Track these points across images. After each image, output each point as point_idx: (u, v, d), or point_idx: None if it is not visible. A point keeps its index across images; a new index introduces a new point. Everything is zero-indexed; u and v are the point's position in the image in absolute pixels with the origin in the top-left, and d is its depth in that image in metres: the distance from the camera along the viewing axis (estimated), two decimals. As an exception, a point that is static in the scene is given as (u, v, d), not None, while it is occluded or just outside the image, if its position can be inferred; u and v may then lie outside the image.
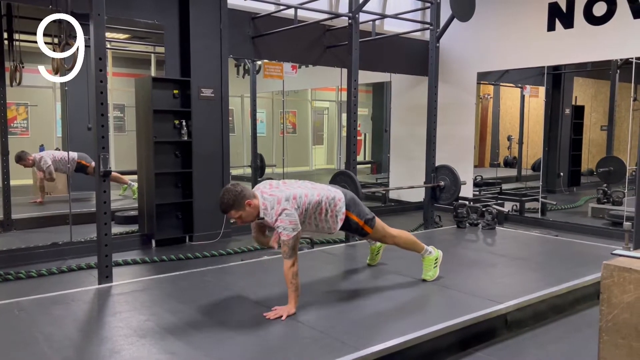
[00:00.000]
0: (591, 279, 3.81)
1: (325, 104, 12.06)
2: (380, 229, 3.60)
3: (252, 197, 3.06)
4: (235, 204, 3.02)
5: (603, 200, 7.30)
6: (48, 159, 6.47)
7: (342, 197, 3.40)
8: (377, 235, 3.64)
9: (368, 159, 10.94)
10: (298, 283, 3.06)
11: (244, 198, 3.02)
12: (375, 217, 3.57)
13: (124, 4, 5.18)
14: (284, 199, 3.04)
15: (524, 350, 3.04)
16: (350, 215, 3.43)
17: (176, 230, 5.59)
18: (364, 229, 3.50)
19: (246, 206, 3.03)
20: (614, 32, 6.17)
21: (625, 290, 1.93)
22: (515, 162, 9.33)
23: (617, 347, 1.97)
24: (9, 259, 4.65)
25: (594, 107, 8.88)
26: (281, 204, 3.03)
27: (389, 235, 3.69)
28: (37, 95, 6.91)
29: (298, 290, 3.07)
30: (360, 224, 3.47)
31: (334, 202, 3.34)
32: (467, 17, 5.94)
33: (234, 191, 3.02)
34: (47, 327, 2.94)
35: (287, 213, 3.01)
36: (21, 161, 6.26)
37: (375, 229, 3.56)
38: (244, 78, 8.09)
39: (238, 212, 3.05)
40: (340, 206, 3.37)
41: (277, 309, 3.05)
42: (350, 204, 3.44)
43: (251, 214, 3.08)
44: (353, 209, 3.45)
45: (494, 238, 5.52)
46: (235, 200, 3.01)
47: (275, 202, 3.04)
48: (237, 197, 3.01)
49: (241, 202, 3.02)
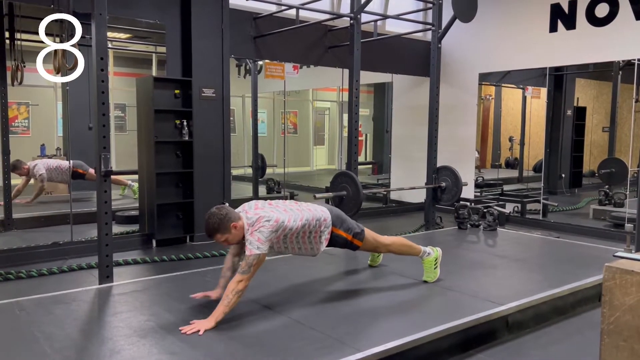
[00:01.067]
0: (592, 280, 3.80)
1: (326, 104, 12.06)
2: (371, 240, 3.59)
3: (237, 219, 3.04)
4: (220, 227, 3.00)
5: (605, 202, 7.29)
6: (42, 167, 6.45)
7: (328, 217, 3.38)
8: (369, 246, 3.64)
9: (369, 160, 10.95)
10: (234, 302, 2.93)
11: (229, 221, 3.00)
12: (365, 229, 3.56)
13: (125, 4, 5.18)
14: (265, 219, 3.01)
15: (524, 352, 3.03)
16: (337, 231, 3.43)
17: (177, 230, 5.59)
18: (353, 242, 3.50)
19: (232, 229, 3.01)
20: (616, 33, 6.16)
21: (627, 293, 1.92)
22: (516, 163, 9.32)
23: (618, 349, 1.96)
24: (9, 258, 4.65)
25: (596, 109, 8.87)
26: (261, 222, 3.00)
27: (382, 244, 3.69)
28: (38, 95, 6.92)
29: (228, 309, 2.92)
30: (349, 239, 3.47)
31: (319, 224, 3.32)
32: (469, 18, 5.93)
33: (218, 215, 3.00)
34: (48, 326, 2.94)
35: (261, 230, 2.98)
36: (16, 170, 6.25)
37: (366, 241, 3.55)
38: (245, 78, 8.10)
39: (224, 236, 3.03)
40: (325, 226, 3.36)
41: (195, 323, 2.89)
42: (336, 222, 3.43)
43: (237, 236, 3.06)
44: (339, 225, 3.44)
45: (495, 239, 5.51)
46: (220, 224, 2.99)
47: (256, 220, 3.02)
48: (222, 221, 2.99)
49: (226, 225, 3.00)
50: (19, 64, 5.51)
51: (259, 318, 3.07)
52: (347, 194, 5.48)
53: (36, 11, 4.77)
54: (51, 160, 6.63)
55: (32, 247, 4.86)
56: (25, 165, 6.39)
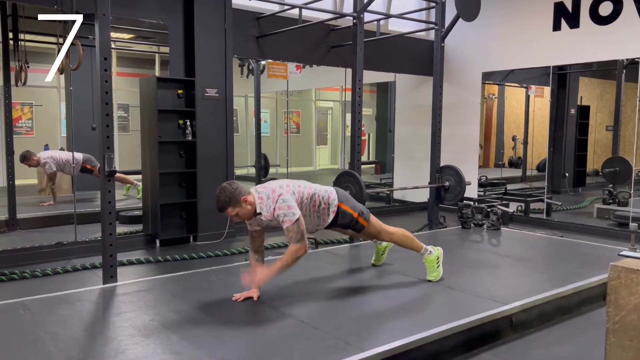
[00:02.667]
0: (597, 280, 3.78)
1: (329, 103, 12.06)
2: (375, 224, 3.63)
3: (248, 193, 3.10)
4: (231, 201, 3.04)
5: (609, 201, 7.26)
6: (50, 160, 6.48)
7: (334, 192, 3.48)
8: (373, 229, 3.65)
9: (372, 159, 10.94)
10: (291, 264, 3.08)
11: (240, 195, 3.05)
12: (370, 213, 3.62)
13: (128, 4, 5.19)
14: (278, 187, 3.12)
15: (529, 351, 3.02)
16: (344, 206, 3.48)
17: (180, 230, 5.60)
18: (358, 221, 3.53)
19: (242, 202, 3.06)
20: (620, 32, 6.14)
21: (633, 292, 1.91)
22: (520, 163, 9.30)
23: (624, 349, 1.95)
24: (14, 258, 4.67)
25: (600, 107, 8.84)
26: (276, 191, 3.09)
27: (385, 231, 3.71)
28: (42, 95, 6.93)
29: (285, 269, 3.10)
30: (355, 216, 3.51)
31: (327, 195, 3.42)
32: (472, 16, 5.92)
33: (229, 189, 3.05)
34: (52, 326, 2.94)
35: (283, 199, 3.06)
36: (26, 161, 6.28)
37: (371, 223, 3.59)
38: (248, 78, 8.10)
39: (235, 210, 3.07)
40: (333, 198, 3.44)
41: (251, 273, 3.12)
42: (342, 198, 3.51)
43: (248, 211, 3.10)
44: (345, 202, 3.52)
45: (499, 239, 5.49)
46: (231, 198, 3.03)
47: (270, 191, 3.10)
48: (233, 195, 3.03)
49: (237, 199, 3.04)
50: (22, 65, 5.53)
51: (263, 318, 3.07)
52: (350, 193, 5.46)
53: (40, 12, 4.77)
54: (61, 153, 6.63)
55: (36, 247, 4.87)
56: (34, 156, 6.41)
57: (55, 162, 6.49)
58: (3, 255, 4.65)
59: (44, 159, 6.46)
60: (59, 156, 6.55)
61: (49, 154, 6.52)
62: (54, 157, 6.50)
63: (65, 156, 6.53)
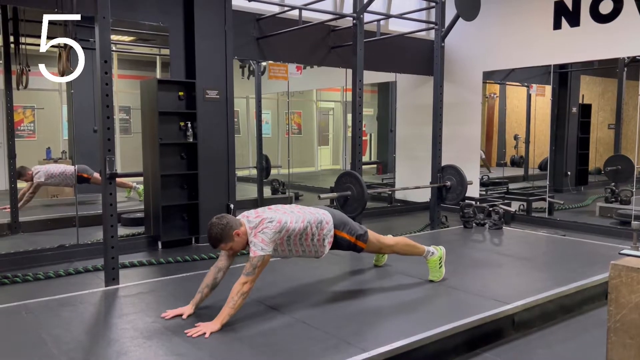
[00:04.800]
0: (599, 278, 3.78)
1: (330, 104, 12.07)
2: (374, 242, 3.60)
3: (239, 225, 3.04)
4: (223, 237, 3.00)
5: (611, 200, 7.25)
6: (42, 174, 6.48)
7: (330, 220, 3.38)
8: (373, 248, 3.64)
9: (374, 159, 10.94)
10: (240, 304, 2.94)
11: (231, 229, 3.00)
12: (368, 231, 3.57)
13: (128, 6, 5.19)
14: (268, 220, 3.04)
15: (531, 350, 3.02)
16: (341, 234, 3.43)
17: (182, 231, 5.60)
18: (357, 244, 3.50)
19: (234, 237, 3.01)
20: (620, 30, 6.13)
21: (634, 290, 1.91)
22: (522, 162, 9.29)
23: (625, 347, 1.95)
24: (16, 261, 4.67)
25: (601, 106, 8.83)
26: (264, 224, 3.02)
27: (385, 245, 3.70)
28: (44, 98, 6.96)
29: (234, 311, 2.92)
30: (352, 241, 3.48)
31: (321, 226, 3.32)
32: (472, 16, 5.92)
33: (219, 225, 3.00)
34: (55, 329, 2.95)
35: (264, 232, 3.00)
36: (22, 177, 6.28)
37: (370, 243, 3.56)
38: (248, 79, 8.11)
39: (228, 244, 3.03)
40: (328, 229, 3.35)
41: (200, 325, 2.86)
42: (339, 225, 3.43)
43: (240, 243, 3.06)
44: (342, 227, 3.44)
45: (501, 238, 5.49)
46: (222, 234, 2.99)
47: (259, 222, 3.04)
48: (224, 230, 2.99)
49: (229, 233, 3.00)
50: (23, 68, 5.54)
51: (265, 319, 3.07)
52: (352, 194, 5.47)
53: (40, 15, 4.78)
54: (56, 165, 6.63)
55: (38, 250, 4.88)
56: (29, 170, 6.42)
57: (47, 175, 6.48)
58: (5, 258, 4.66)
59: (37, 169, 6.47)
60: (54, 170, 6.56)
61: (43, 167, 6.53)
62: (47, 171, 6.51)
63: (60, 169, 6.55)
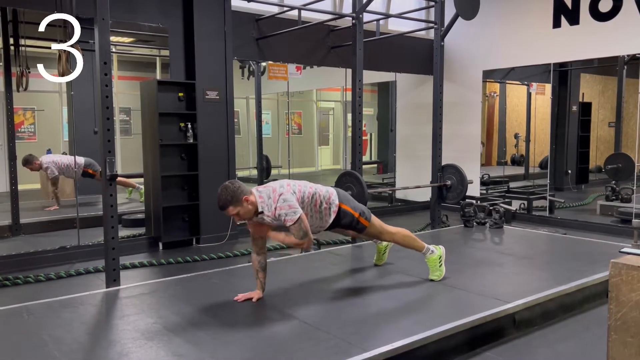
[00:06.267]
0: (600, 277, 3.77)
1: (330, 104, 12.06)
2: (377, 224, 3.63)
3: (249, 193, 3.11)
4: (233, 199, 3.04)
5: (611, 198, 7.24)
6: (52, 164, 6.50)
7: (334, 192, 3.50)
8: (374, 230, 3.65)
9: (374, 159, 10.93)
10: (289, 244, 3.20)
11: (241, 194, 3.05)
12: (371, 213, 3.62)
13: (128, 8, 5.20)
14: (279, 187, 3.15)
15: (532, 349, 3.02)
16: (345, 206, 3.49)
17: (183, 232, 5.61)
18: (360, 221, 3.53)
19: (244, 202, 3.06)
20: (620, 28, 6.12)
21: (634, 289, 1.91)
22: (522, 160, 9.28)
23: (625, 345, 1.95)
24: (17, 263, 4.68)
25: (602, 104, 8.82)
26: (276, 191, 3.12)
27: (386, 231, 3.71)
28: (44, 100, 6.95)
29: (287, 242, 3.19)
30: (356, 216, 3.52)
31: (328, 195, 3.44)
32: (471, 15, 5.92)
33: (231, 187, 3.06)
34: (56, 330, 2.96)
35: (284, 198, 3.08)
36: (28, 164, 6.29)
37: (372, 223, 3.60)
38: (248, 80, 8.11)
39: (236, 209, 3.07)
40: (333, 198, 3.45)
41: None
42: (343, 199, 3.53)
43: (249, 211, 3.10)
44: (346, 202, 3.53)
45: (502, 237, 5.49)
46: (233, 196, 3.04)
47: (271, 191, 3.12)
48: (234, 193, 3.04)
49: (239, 197, 3.04)
50: (23, 70, 5.54)
51: (266, 319, 3.07)
52: (352, 193, 5.46)
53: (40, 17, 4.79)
54: (63, 157, 6.64)
55: (39, 252, 4.89)
56: (37, 160, 6.43)
57: (57, 167, 6.51)
58: (7, 260, 4.67)
59: (46, 163, 6.48)
60: (61, 160, 6.56)
61: (50, 159, 6.54)
62: (55, 162, 6.52)
63: (67, 160, 6.55)
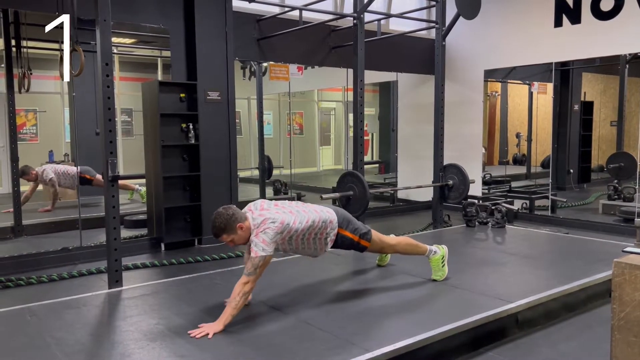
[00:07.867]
0: (602, 276, 3.77)
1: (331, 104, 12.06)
2: (377, 241, 3.60)
3: (244, 219, 3.04)
4: (227, 227, 3.00)
5: (614, 197, 7.23)
6: (50, 172, 6.52)
7: (335, 219, 3.38)
8: (376, 247, 3.64)
9: (376, 159, 10.92)
10: (242, 304, 2.95)
11: (235, 222, 3.00)
12: (371, 230, 3.57)
13: (129, 9, 5.20)
14: (270, 220, 3.02)
15: (535, 349, 3.01)
16: (344, 232, 3.42)
17: (185, 233, 5.61)
18: (360, 243, 3.50)
19: (238, 229, 3.01)
20: (622, 26, 6.11)
21: (637, 288, 1.91)
22: (524, 160, 9.27)
23: (629, 345, 1.95)
24: (20, 264, 4.68)
25: (603, 103, 8.80)
26: (266, 224, 3.01)
27: (388, 245, 3.70)
28: (46, 101, 6.97)
29: (236, 311, 2.93)
30: (356, 240, 3.47)
31: (325, 225, 3.32)
32: (472, 14, 5.91)
33: (224, 215, 3.00)
34: (59, 331, 2.96)
35: (266, 232, 2.98)
36: (24, 175, 6.30)
37: (373, 242, 3.55)
38: (250, 80, 8.11)
39: (230, 236, 3.03)
40: (331, 228, 3.35)
41: (203, 326, 2.88)
42: (342, 223, 3.42)
43: (243, 237, 3.05)
44: (346, 226, 3.44)
45: (504, 237, 5.48)
46: (226, 224, 2.99)
47: (261, 221, 3.03)
48: (228, 221, 2.99)
49: (233, 225, 3.00)
50: (25, 72, 5.55)
51: (268, 319, 3.07)
52: (354, 193, 5.47)
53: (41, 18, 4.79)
54: (59, 165, 6.68)
55: (42, 253, 4.89)
56: (33, 170, 6.44)
57: (54, 172, 6.54)
58: (9, 262, 4.67)
59: (43, 171, 6.51)
60: (57, 169, 6.60)
61: (48, 166, 6.57)
62: (54, 169, 6.57)
63: (63, 169, 6.59)
